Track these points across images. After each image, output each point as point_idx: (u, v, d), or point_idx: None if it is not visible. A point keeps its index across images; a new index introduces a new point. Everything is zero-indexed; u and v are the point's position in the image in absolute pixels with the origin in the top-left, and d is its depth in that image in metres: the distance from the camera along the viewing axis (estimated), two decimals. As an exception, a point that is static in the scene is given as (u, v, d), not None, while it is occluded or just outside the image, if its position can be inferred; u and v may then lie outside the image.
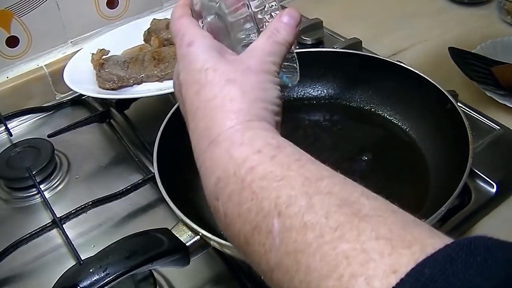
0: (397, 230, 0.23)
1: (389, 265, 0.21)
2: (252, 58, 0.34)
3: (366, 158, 0.59)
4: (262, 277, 0.28)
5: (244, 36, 0.38)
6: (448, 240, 0.22)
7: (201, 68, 0.33)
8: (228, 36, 0.38)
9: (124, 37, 0.79)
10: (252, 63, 0.34)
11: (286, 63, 0.41)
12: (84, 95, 0.76)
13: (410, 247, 0.21)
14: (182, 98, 0.35)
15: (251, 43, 0.36)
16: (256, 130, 0.30)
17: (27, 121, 0.77)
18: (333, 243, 0.23)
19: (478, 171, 0.57)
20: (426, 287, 0.19)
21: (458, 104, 0.56)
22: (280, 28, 0.36)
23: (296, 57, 0.41)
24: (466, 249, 0.20)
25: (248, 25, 0.37)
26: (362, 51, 0.74)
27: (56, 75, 0.77)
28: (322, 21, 0.84)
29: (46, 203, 0.60)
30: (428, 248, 0.21)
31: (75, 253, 0.52)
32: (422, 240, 0.22)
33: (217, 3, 0.38)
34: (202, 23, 0.39)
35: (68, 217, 0.57)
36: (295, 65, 0.41)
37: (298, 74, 0.41)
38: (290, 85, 0.42)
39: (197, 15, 0.40)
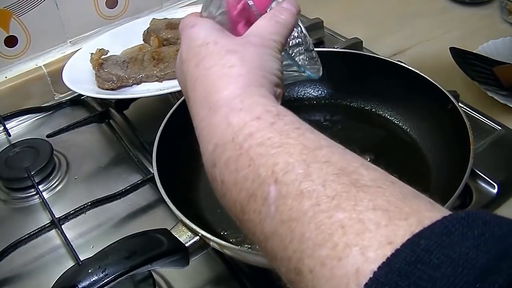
0: (395, 201, 0.22)
1: (385, 236, 0.21)
2: (252, 35, 0.34)
3: (366, 158, 0.58)
4: (257, 247, 0.27)
5: None
6: (446, 213, 0.21)
7: (202, 43, 0.33)
8: None
9: (124, 37, 0.79)
10: (253, 38, 0.34)
11: (308, 65, 0.42)
12: (83, 95, 0.76)
13: (407, 219, 0.21)
14: (183, 78, 0.35)
15: None
16: (255, 97, 0.30)
17: (26, 121, 0.77)
18: (329, 211, 0.22)
19: (479, 171, 0.57)
20: (422, 258, 0.19)
21: (459, 104, 0.55)
22: (281, 10, 0.36)
23: (317, 55, 0.42)
24: (463, 222, 0.20)
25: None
26: (363, 51, 0.74)
27: (55, 75, 0.77)
28: (322, 21, 0.84)
29: (45, 203, 0.59)
30: (425, 220, 0.21)
31: (74, 254, 0.52)
32: (419, 212, 0.22)
33: (218, 12, 0.38)
34: None
35: (67, 217, 0.57)
36: (317, 66, 0.42)
37: (321, 68, 0.42)
38: (314, 77, 0.42)
39: None
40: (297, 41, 0.42)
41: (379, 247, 0.20)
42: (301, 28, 0.42)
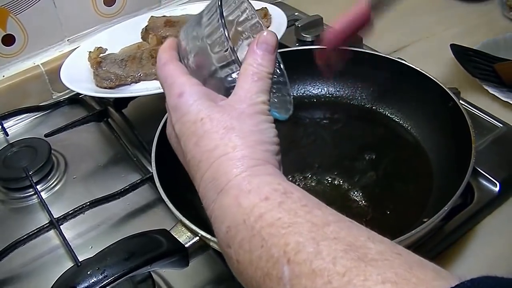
0: (403, 273, 0.23)
1: None
2: (242, 101, 0.34)
3: (367, 157, 0.58)
4: None
5: (227, 69, 0.37)
6: (452, 281, 0.22)
7: (196, 119, 0.34)
8: (214, 69, 0.38)
9: (122, 35, 0.78)
10: (244, 106, 0.34)
11: (278, 104, 0.40)
12: (81, 94, 0.75)
13: None
14: (181, 151, 0.35)
15: (235, 74, 0.36)
16: (262, 176, 0.31)
17: (23, 121, 0.77)
18: None
19: (481, 169, 0.56)
20: None
21: (460, 101, 0.55)
22: (258, 58, 0.35)
23: (291, 97, 0.41)
24: None
25: (229, 58, 0.36)
26: (363, 48, 0.73)
27: (53, 73, 0.77)
28: (322, 18, 0.83)
29: (43, 203, 0.59)
30: None
31: (72, 255, 0.51)
32: (427, 283, 0.23)
33: (200, 41, 0.38)
34: (188, 60, 0.39)
35: (65, 217, 0.56)
36: (288, 106, 0.41)
37: (292, 104, 0.41)
38: (282, 118, 0.41)
39: (183, 54, 0.39)
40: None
41: None
42: (279, 64, 0.40)
